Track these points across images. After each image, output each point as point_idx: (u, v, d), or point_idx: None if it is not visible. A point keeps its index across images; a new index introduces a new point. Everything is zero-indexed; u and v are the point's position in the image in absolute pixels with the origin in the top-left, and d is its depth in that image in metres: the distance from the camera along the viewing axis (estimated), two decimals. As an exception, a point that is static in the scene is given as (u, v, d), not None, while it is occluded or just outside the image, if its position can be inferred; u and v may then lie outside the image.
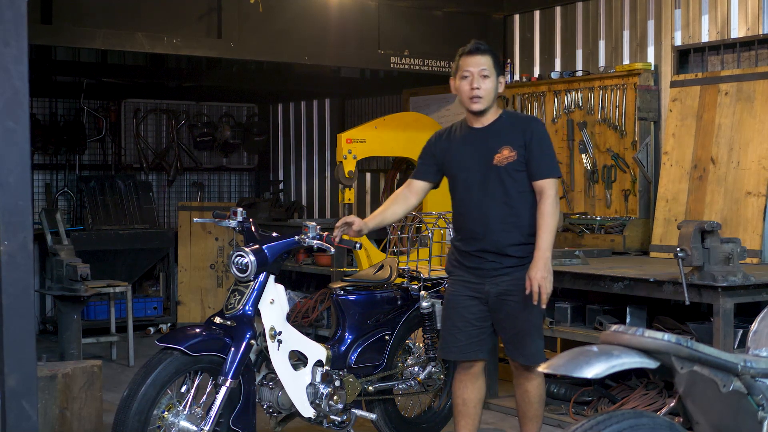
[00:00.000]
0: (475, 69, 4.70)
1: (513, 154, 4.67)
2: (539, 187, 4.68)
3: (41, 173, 10.11)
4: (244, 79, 10.42)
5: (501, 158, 4.68)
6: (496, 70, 4.74)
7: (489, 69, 4.71)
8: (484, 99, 4.70)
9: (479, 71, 4.70)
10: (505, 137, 4.71)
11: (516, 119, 4.84)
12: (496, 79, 4.73)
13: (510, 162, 4.67)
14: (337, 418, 5.09)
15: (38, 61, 9.29)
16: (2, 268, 2.92)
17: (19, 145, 2.95)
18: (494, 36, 8.37)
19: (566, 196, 7.66)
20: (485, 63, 4.71)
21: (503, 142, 4.70)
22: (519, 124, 4.76)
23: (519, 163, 4.67)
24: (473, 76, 4.70)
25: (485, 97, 4.70)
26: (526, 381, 4.85)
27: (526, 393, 4.86)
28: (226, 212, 5.05)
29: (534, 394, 4.85)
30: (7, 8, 2.91)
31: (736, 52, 6.68)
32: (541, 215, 4.65)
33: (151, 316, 9.96)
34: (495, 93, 4.74)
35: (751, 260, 6.17)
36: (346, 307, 5.38)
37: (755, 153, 6.38)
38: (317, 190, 10.89)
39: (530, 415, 4.87)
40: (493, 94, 4.73)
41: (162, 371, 4.54)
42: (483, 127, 4.78)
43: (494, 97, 4.75)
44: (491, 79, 4.71)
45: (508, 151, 4.68)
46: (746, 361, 3.15)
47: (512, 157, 4.67)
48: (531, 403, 4.86)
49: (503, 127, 4.75)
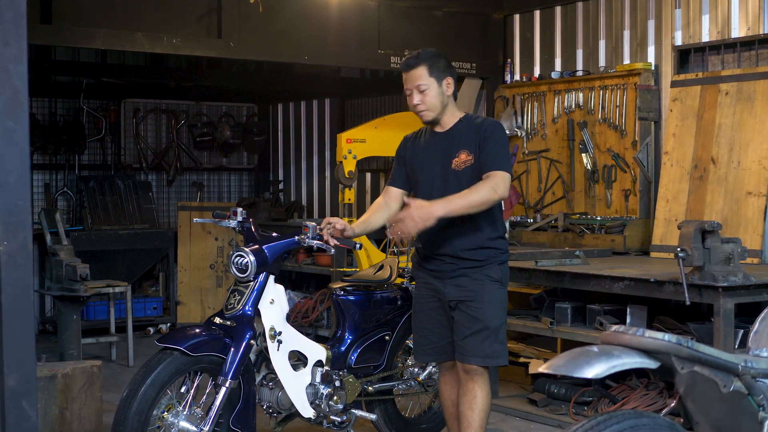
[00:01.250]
0: (411, 85, 4.68)
1: (470, 157, 4.63)
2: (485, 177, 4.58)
3: (41, 173, 10.11)
4: (244, 79, 10.42)
5: (459, 162, 4.65)
6: (435, 75, 4.66)
7: (425, 80, 4.64)
8: (429, 110, 4.69)
9: (416, 87, 4.67)
10: (462, 141, 4.67)
11: (473, 122, 4.73)
12: (438, 84, 4.67)
13: (467, 166, 4.64)
14: (337, 419, 5.09)
15: (38, 61, 9.29)
16: (2, 268, 2.92)
17: (19, 145, 2.95)
18: (494, 36, 8.37)
19: (566, 196, 7.66)
20: (419, 76, 4.66)
21: (461, 146, 4.66)
22: (474, 127, 4.68)
23: (476, 167, 4.62)
24: (412, 92, 4.69)
25: (430, 109, 4.68)
26: (476, 386, 4.71)
27: (474, 399, 4.69)
28: (226, 212, 5.04)
29: (480, 402, 4.69)
30: (7, 8, 2.91)
31: (736, 51, 6.68)
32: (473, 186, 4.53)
33: (150, 316, 9.95)
34: (442, 97, 4.68)
35: (752, 260, 6.16)
36: (346, 307, 5.38)
37: (756, 153, 6.37)
38: (317, 190, 10.89)
39: (471, 421, 4.69)
40: (439, 100, 4.67)
41: (162, 371, 4.53)
42: (443, 131, 4.75)
43: (443, 102, 4.69)
44: (431, 89, 4.66)
45: (465, 155, 4.64)
46: (747, 361, 3.14)
47: (469, 161, 4.63)
48: (474, 410, 4.69)
49: (461, 131, 4.70)
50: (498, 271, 4.68)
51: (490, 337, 4.64)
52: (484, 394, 4.71)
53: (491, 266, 4.66)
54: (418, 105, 4.68)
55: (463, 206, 4.47)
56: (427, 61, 4.67)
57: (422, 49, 4.76)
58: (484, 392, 4.71)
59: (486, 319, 4.64)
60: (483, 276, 4.65)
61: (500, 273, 4.69)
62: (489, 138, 4.60)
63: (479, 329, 4.64)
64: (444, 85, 4.68)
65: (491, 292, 4.65)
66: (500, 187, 4.50)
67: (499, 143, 4.62)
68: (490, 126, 4.69)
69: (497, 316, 4.67)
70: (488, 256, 4.66)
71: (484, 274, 4.65)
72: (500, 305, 4.70)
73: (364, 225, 4.95)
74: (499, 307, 4.68)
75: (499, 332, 4.68)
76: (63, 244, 8.18)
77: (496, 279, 4.67)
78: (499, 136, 4.65)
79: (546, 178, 7.84)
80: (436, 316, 4.83)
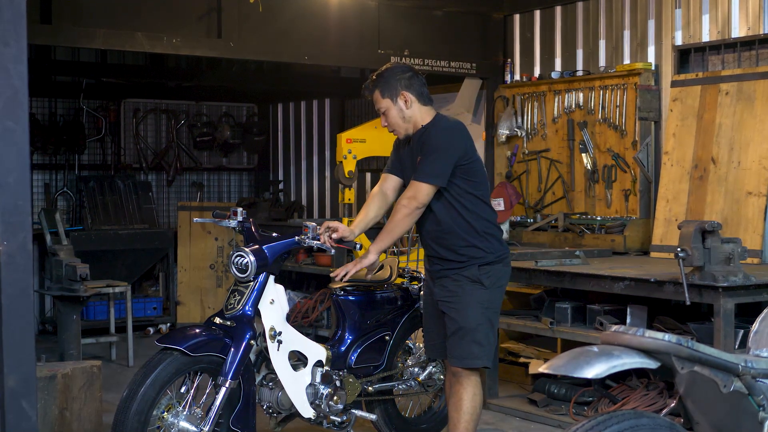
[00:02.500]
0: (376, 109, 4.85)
1: None
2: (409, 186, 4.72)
3: (41, 173, 10.11)
4: (244, 79, 10.42)
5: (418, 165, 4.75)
6: (389, 95, 4.76)
7: (381, 103, 4.78)
8: (397, 130, 4.83)
9: (378, 110, 4.84)
10: (417, 149, 4.77)
11: (425, 129, 4.78)
12: (394, 103, 4.76)
13: None
14: (337, 419, 5.09)
15: (38, 61, 9.29)
16: (2, 268, 2.92)
17: (19, 145, 2.94)
18: (494, 36, 8.37)
19: (566, 196, 7.66)
20: (375, 101, 4.81)
21: (417, 153, 4.77)
22: (423, 134, 4.76)
23: None
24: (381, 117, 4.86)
25: (396, 128, 4.82)
26: (461, 388, 4.74)
27: (460, 401, 4.74)
28: (226, 212, 5.04)
29: (467, 403, 4.73)
30: (7, 8, 2.91)
31: (736, 51, 6.68)
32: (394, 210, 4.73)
33: (150, 316, 9.95)
34: (402, 114, 4.77)
35: (752, 260, 6.16)
36: (346, 308, 5.38)
37: (756, 153, 6.37)
38: (317, 190, 10.89)
39: (460, 422, 4.73)
40: (400, 117, 4.77)
41: (162, 371, 4.53)
42: (414, 134, 4.84)
43: (405, 118, 4.78)
44: (390, 109, 4.77)
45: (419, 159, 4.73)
46: (747, 361, 3.14)
47: None
48: (462, 411, 4.73)
49: (418, 139, 4.79)
50: (476, 272, 4.69)
51: (466, 338, 4.67)
52: (469, 396, 4.73)
53: (471, 267, 4.71)
54: (386, 126, 4.86)
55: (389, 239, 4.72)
56: (378, 85, 4.79)
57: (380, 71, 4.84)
58: (469, 395, 4.73)
59: (461, 319, 4.68)
60: (461, 277, 4.71)
61: (479, 274, 4.69)
62: (426, 144, 4.69)
63: (455, 330, 4.71)
64: (400, 102, 4.76)
65: (469, 293, 4.69)
66: (419, 195, 4.63)
67: (430, 149, 4.67)
68: (433, 131, 4.73)
69: (474, 317, 4.68)
70: (469, 256, 4.71)
71: (462, 275, 4.71)
72: (478, 306, 4.70)
73: (363, 223, 5.00)
74: (477, 308, 4.69)
75: (476, 333, 4.68)
76: (63, 244, 8.17)
77: (474, 280, 4.70)
78: (434, 143, 4.68)
79: (546, 178, 7.84)
80: (435, 315, 4.92)
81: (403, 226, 4.70)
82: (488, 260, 4.73)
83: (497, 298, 4.80)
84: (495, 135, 8.11)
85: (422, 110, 4.80)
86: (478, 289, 4.70)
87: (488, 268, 4.72)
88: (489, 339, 4.74)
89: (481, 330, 4.70)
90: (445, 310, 4.76)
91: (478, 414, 4.78)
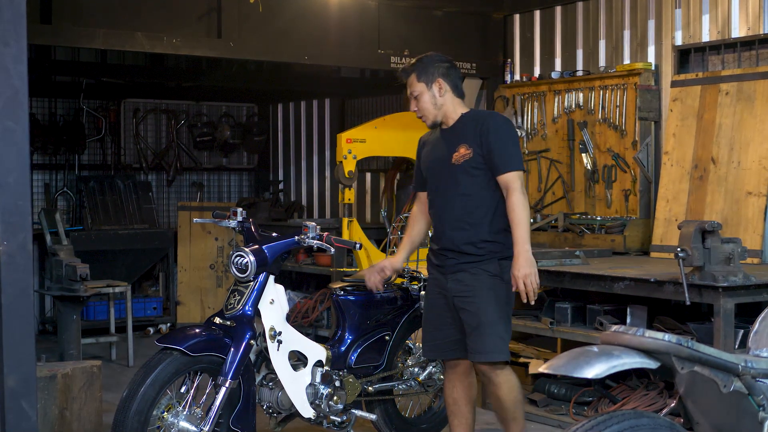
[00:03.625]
0: (408, 93, 4.88)
1: (469, 151, 4.69)
2: (503, 182, 4.66)
3: (41, 173, 10.10)
4: (244, 79, 10.41)
5: (458, 156, 4.71)
6: (424, 80, 4.79)
7: (416, 87, 4.80)
8: (425, 115, 4.84)
9: (410, 94, 4.86)
10: (462, 136, 4.74)
11: (474, 117, 4.82)
12: (428, 88, 4.79)
13: (466, 160, 4.69)
14: (337, 419, 5.09)
15: (38, 61, 9.28)
16: (2, 268, 2.92)
17: (19, 145, 2.95)
18: (494, 36, 8.37)
19: (566, 196, 7.66)
20: (410, 84, 4.84)
21: (461, 141, 4.73)
22: (476, 122, 4.75)
23: (475, 160, 4.68)
24: (411, 101, 4.88)
25: (426, 113, 4.83)
26: (496, 388, 4.77)
27: (499, 399, 4.79)
28: (226, 212, 5.05)
29: (507, 399, 4.77)
30: (7, 8, 2.91)
31: (736, 51, 6.68)
32: (510, 210, 4.63)
33: (150, 316, 9.95)
34: (435, 101, 4.79)
35: (752, 260, 6.16)
36: (346, 308, 5.37)
37: (756, 153, 6.37)
38: (317, 190, 10.88)
39: (508, 418, 4.81)
40: (432, 104, 4.80)
41: (161, 371, 4.53)
42: (447, 128, 4.85)
43: (437, 105, 4.80)
44: (423, 94, 4.80)
45: (464, 149, 4.70)
46: (747, 361, 3.14)
47: (468, 154, 4.69)
48: (506, 409, 4.78)
49: (462, 127, 4.78)
50: (497, 266, 4.69)
51: (489, 332, 4.66)
52: (505, 392, 4.76)
53: (490, 261, 4.69)
54: (415, 111, 4.86)
55: (526, 230, 4.61)
56: (416, 69, 4.83)
57: (419, 56, 4.91)
58: (505, 391, 4.77)
59: (482, 314, 4.66)
60: (480, 270, 4.68)
61: (499, 268, 4.68)
62: (491, 133, 4.66)
63: (476, 325, 4.68)
64: (434, 89, 4.78)
65: (489, 287, 4.67)
66: (522, 190, 4.64)
67: (504, 138, 4.68)
68: (491, 120, 4.76)
69: (495, 311, 4.67)
70: (489, 251, 4.69)
71: (481, 269, 4.68)
72: (498, 300, 4.69)
73: (409, 244, 5.14)
74: (497, 302, 4.68)
75: (497, 326, 4.67)
76: (63, 244, 8.17)
77: (494, 274, 4.68)
78: (504, 130, 4.71)
79: (546, 178, 7.83)
80: (442, 313, 4.86)
81: (528, 214, 4.66)
82: (506, 254, 4.71)
83: (513, 293, 4.77)
84: (495, 135, 8.10)
85: (454, 101, 4.82)
86: (498, 283, 4.69)
87: (507, 263, 4.69)
88: (508, 332, 4.77)
89: (501, 324, 4.70)
90: (463, 305, 4.72)
91: (521, 401, 4.84)
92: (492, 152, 4.63)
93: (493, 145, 4.64)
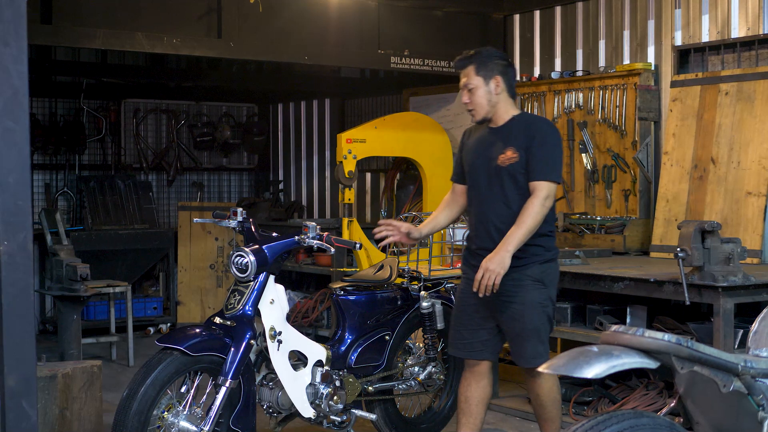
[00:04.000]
0: (461, 84, 4.79)
1: (516, 155, 4.66)
2: (532, 187, 4.64)
3: (41, 173, 10.11)
4: (244, 79, 10.42)
5: (504, 159, 4.68)
6: (483, 75, 4.73)
7: (472, 79, 4.73)
8: (477, 110, 4.76)
9: (464, 86, 4.78)
10: (512, 139, 4.70)
11: (526, 121, 4.79)
12: (486, 83, 4.72)
13: (512, 163, 4.66)
14: (337, 419, 5.09)
15: (38, 61, 9.29)
16: (2, 268, 2.92)
17: (19, 145, 2.94)
18: (494, 36, 8.36)
19: (566, 196, 7.66)
20: (466, 76, 4.76)
21: (509, 144, 4.69)
22: (527, 126, 4.73)
23: (521, 165, 4.65)
24: (463, 91, 4.80)
25: (477, 108, 4.76)
26: (536, 386, 4.85)
27: (538, 397, 4.86)
28: (226, 212, 5.05)
29: (546, 398, 4.84)
30: (7, 8, 2.91)
31: (736, 51, 6.68)
32: (523, 210, 4.60)
33: (151, 316, 9.95)
34: (489, 97, 4.73)
35: (752, 260, 6.16)
36: (346, 307, 5.38)
37: (755, 153, 6.37)
38: (317, 190, 10.89)
39: (545, 417, 4.89)
40: (486, 99, 4.73)
41: (162, 371, 4.53)
42: (496, 127, 4.80)
43: (491, 101, 4.74)
44: (479, 88, 4.73)
45: (511, 152, 4.67)
46: (746, 361, 3.14)
47: (515, 158, 4.66)
48: (544, 407, 4.86)
49: (513, 129, 4.74)
50: (538, 271, 4.69)
51: (532, 339, 4.70)
52: (545, 391, 4.83)
53: (532, 266, 4.68)
54: (466, 104, 4.79)
55: (524, 236, 4.56)
56: (477, 61, 4.75)
57: (477, 48, 4.86)
58: (545, 389, 4.84)
59: (527, 321, 4.69)
60: (523, 276, 4.67)
61: (541, 273, 4.69)
62: (537, 141, 4.65)
63: (519, 331, 4.71)
64: (492, 85, 4.72)
65: (531, 294, 4.67)
66: (549, 200, 4.62)
67: (548, 147, 4.66)
68: (541, 127, 4.75)
69: (538, 318, 4.70)
70: (530, 254, 4.67)
71: (524, 274, 4.67)
72: (540, 306, 4.70)
73: (432, 224, 5.09)
74: (539, 308, 4.70)
75: (540, 333, 4.72)
76: (63, 244, 8.18)
77: (536, 279, 4.69)
78: (548, 140, 4.68)
79: (546, 178, 7.82)
80: (473, 313, 4.86)
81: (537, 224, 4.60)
82: (546, 257, 4.73)
83: (554, 294, 4.81)
84: (495, 135, 8.11)
85: (507, 101, 4.78)
86: (539, 289, 4.70)
87: (547, 267, 4.74)
88: (548, 335, 4.82)
89: (543, 329, 4.74)
90: (504, 309, 4.72)
91: (559, 401, 4.89)
92: (532, 158, 4.63)
93: (536, 150, 4.63)
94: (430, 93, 9.01)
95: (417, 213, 6.45)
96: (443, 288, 5.78)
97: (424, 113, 8.64)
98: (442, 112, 8.83)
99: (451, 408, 5.90)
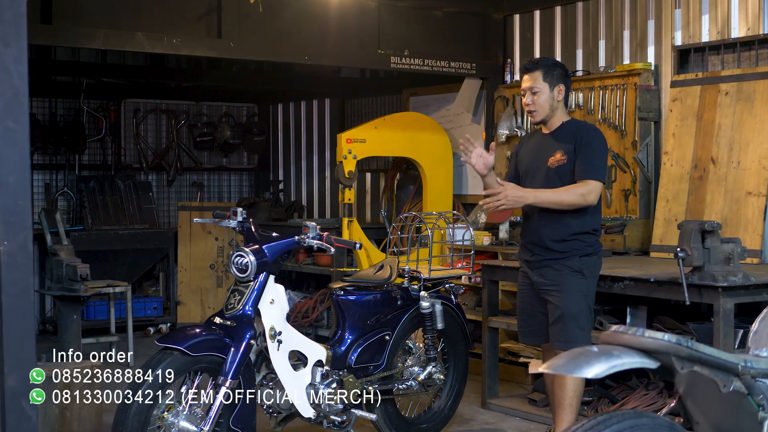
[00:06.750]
0: (526, 87, 5.14)
1: (564, 157, 5.04)
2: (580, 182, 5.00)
3: (41, 173, 10.11)
4: (244, 79, 10.42)
5: (554, 161, 5.07)
6: (549, 81, 5.10)
7: (539, 84, 5.10)
8: (537, 112, 5.13)
9: (529, 89, 5.12)
10: (561, 142, 5.09)
11: (574, 126, 5.15)
12: (551, 89, 5.10)
13: (560, 165, 5.05)
14: (337, 419, 5.09)
15: (38, 61, 9.29)
16: (2, 268, 2.92)
17: (19, 145, 2.94)
18: (494, 36, 8.37)
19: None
20: (534, 80, 5.12)
21: (558, 147, 5.09)
22: (575, 130, 5.10)
23: (568, 166, 5.03)
24: (526, 94, 5.15)
25: (538, 111, 5.13)
26: None
27: (563, 381, 5.02)
28: (226, 212, 5.05)
29: (570, 386, 5.02)
30: (7, 8, 2.91)
31: (736, 51, 6.68)
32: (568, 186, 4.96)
33: (151, 316, 9.95)
34: (551, 102, 5.11)
35: (752, 260, 6.16)
36: (346, 307, 5.38)
37: (755, 153, 6.37)
38: (317, 190, 10.89)
39: (565, 404, 5.05)
40: (548, 104, 5.11)
41: (162, 371, 4.53)
42: (549, 132, 5.18)
43: (552, 106, 5.12)
44: (543, 93, 5.10)
45: (560, 154, 5.06)
46: (746, 361, 3.14)
47: (563, 160, 5.04)
48: (566, 391, 5.03)
49: (562, 134, 5.12)
50: (578, 263, 5.03)
51: (569, 323, 5.01)
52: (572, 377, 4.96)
53: (572, 258, 5.04)
54: (528, 105, 5.16)
55: (551, 201, 4.97)
56: (544, 67, 5.14)
57: (543, 57, 5.32)
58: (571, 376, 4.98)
59: (565, 305, 5.02)
60: (563, 266, 5.05)
61: (581, 264, 5.03)
62: (585, 144, 5.02)
63: (559, 316, 5.03)
64: (555, 91, 5.12)
65: (570, 281, 5.03)
66: (590, 196, 4.96)
67: (595, 150, 5.03)
68: (587, 132, 5.12)
69: (576, 303, 5.02)
70: (572, 248, 5.05)
71: (564, 265, 5.05)
72: (579, 293, 5.03)
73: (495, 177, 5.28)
74: (578, 295, 5.03)
75: (578, 318, 5.01)
76: (63, 244, 8.17)
77: (576, 269, 5.03)
78: (594, 144, 5.06)
79: (546, 178, 7.83)
80: (531, 302, 5.25)
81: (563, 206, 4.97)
82: (587, 251, 5.07)
83: (594, 286, 5.14)
84: (495, 135, 8.11)
85: (562, 109, 5.17)
86: (579, 278, 5.04)
87: (587, 259, 5.06)
88: (589, 323, 5.10)
89: (582, 315, 5.04)
90: (547, 296, 5.09)
91: (581, 391, 5.10)
92: (579, 159, 4.99)
93: (583, 152, 5.00)
94: (430, 93, 9.01)
95: (417, 213, 6.44)
96: (443, 288, 5.79)
97: (424, 113, 8.65)
98: (442, 112, 8.83)
99: (450, 408, 5.90)
